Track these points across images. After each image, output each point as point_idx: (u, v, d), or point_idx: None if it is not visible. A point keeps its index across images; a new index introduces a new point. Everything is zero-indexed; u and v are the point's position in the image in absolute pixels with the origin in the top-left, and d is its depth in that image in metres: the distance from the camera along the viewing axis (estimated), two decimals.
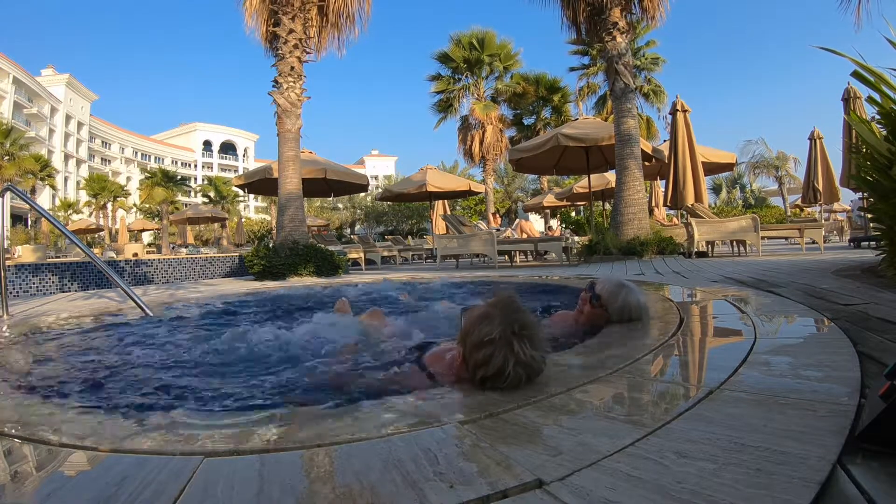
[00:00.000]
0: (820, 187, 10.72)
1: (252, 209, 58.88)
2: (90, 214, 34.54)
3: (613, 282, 1.97)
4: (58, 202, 37.11)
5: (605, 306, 1.91)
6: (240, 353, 1.96)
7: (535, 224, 19.11)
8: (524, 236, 8.87)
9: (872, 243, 6.89)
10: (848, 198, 14.18)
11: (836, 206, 14.56)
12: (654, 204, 11.48)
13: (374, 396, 1.23)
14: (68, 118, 46.73)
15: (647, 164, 9.25)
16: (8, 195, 3.66)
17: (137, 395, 1.49)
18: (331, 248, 7.60)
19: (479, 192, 13.94)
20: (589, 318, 1.96)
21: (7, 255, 5.47)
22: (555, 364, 1.36)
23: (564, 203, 17.81)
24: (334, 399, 1.30)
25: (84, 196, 36.29)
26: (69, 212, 34.82)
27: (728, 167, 11.46)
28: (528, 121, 20.54)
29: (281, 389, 1.49)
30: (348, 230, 40.19)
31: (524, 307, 1.23)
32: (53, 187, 34.66)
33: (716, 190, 41.51)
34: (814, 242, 7.76)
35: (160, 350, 2.14)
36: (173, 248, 24.22)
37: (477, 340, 1.16)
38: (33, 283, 5.51)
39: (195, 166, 63.51)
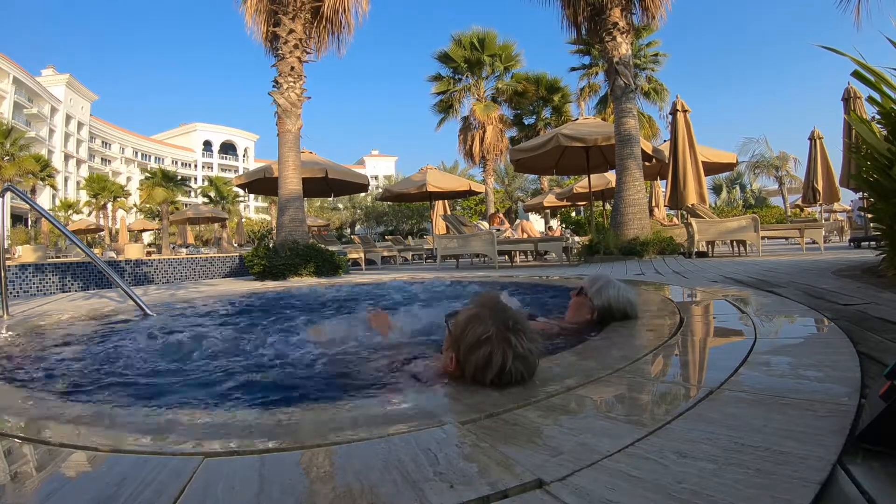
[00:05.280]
0: (820, 187, 10.72)
1: (252, 209, 58.85)
2: (90, 214, 34.51)
3: (595, 275, 2.11)
4: (58, 202, 37.09)
5: (586, 292, 2.01)
6: (239, 352, 1.96)
7: (536, 224, 19.12)
8: (524, 236, 8.87)
9: (872, 243, 6.89)
10: (848, 198, 14.15)
11: (836, 206, 14.54)
12: (654, 204, 11.48)
13: (373, 396, 1.24)
14: (68, 118, 46.72)
15: (647, 164, 9.24)
16: (8, 195, 3.66)
17: (137, 394, 1.49)
18: (331, 248, 7.60)
19: (480, 193, 13.93)
20: (573, 308, 2.06)
21: (7, 255, 5.47)
22: (555, 364, 1.36)
23: (565, 203, 17.80)
24: (334, 399, 1.30)
25: (84, 196, 36.25)
26: (69, 212, 34.80)
27: (729, 167, 11.45)
28: (528, 121, 20.53)
29: (281, 390, 1.49)
30: (348, 230, 40.18)
31: (509, 306, 1.24)
32: (54, 187, 34.65)
33: (716, 190, 41.50)
34: (814, 242, 7.76)
35: (160, 350, 2.14)
36: (173, 248, 24.24)
37: (473, 341, 1.15)
38: (33, 283, 5.51)
39: (195, 166, 63.50)
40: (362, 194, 30.52)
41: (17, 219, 34.83)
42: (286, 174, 7.23)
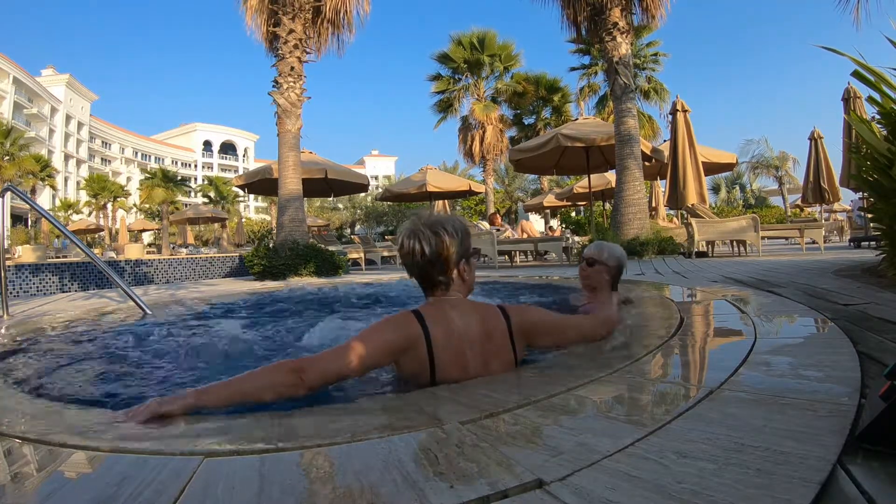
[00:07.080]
0: (821, 187, 10.72)
1: (252, 209, 58.86)
2: (90, 214, 34.52)
3: (592, 245, 2.38)
4: (58, 202, 37.09)
5: (594, 257, 2.24)
6: (241, 351, 1.96)
7: (536, 224, 19.13)
8: (524, 236, 8.87)
9: (872, 243, 6.89)
10: (848, 198, 14.14)
11: (836, 206, 14.55)
12: (654, 204, 11.48)
13: (373, 396, 1.24)
14: (68, 118, 46.71)
15: (647, 164, 9.24)
16: (8, 195, 3.66)
17: (137, 394, 1.49)
18: (331, 248, 7.60)
19: (480, 193, 13.94)
20: (591, 277, 2.27)
21: (7, 255, 5.47)
22: (555, 364, 1.36)
23: (565, 203, 17.80)
24: (334, 399, 1.30)
25: (84, 196, 36.27)
26: (69, 212, 34.80)
27: (728, 167, 11.45)
28: (528, 121, 20.52)
29: None
30: (348, 230, 40.12)
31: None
32: (53, 187, 34.65)
33: (716, 190, 41.46)
34: (814, 242, 7.77)
35: (160, 350, 2.14)
36: (173, 248, 24.24)
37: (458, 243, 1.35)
38: (33, 283, 5.51)
39: (195, 166, 63.51)
40: (362, 194, 30.48)
41: (17, 219, 34.82)
42: (286, 174, 7.23)
